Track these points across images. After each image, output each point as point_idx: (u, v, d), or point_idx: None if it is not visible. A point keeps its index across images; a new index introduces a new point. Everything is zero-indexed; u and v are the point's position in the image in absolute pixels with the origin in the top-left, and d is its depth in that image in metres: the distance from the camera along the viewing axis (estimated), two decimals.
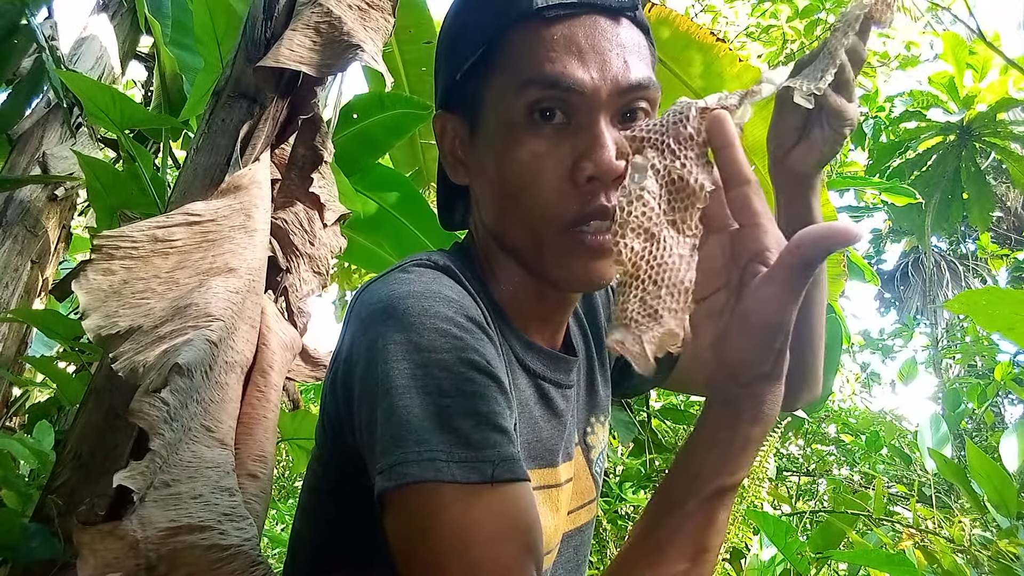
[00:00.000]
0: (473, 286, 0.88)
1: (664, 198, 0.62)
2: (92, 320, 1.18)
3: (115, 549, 0.99)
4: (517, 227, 0.86)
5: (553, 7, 0.82)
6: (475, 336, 0.78)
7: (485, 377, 0.74)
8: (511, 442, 0.73)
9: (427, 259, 0.89)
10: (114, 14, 3.38)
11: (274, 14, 1.67)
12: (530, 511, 0.71)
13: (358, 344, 0.79)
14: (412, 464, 0.68)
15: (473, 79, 0.87)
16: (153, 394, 1.04)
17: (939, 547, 2.48)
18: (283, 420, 2.12)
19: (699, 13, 7.90)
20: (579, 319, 1.10)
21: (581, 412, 1.05)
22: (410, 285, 0.80)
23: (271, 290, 1.62)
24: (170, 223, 1.33)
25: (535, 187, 0.82)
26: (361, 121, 2.42)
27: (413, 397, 0.71)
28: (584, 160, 0.80)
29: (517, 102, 0.82)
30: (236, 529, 1.08)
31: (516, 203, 0.84)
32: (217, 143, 1.60)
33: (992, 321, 1.66)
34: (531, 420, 0.91)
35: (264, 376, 1.38)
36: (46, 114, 3.06)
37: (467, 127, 0.90)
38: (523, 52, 0.82)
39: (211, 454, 1.13)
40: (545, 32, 0.82)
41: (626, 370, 1.16)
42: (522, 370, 0.92)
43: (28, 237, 2.91)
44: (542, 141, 0.81)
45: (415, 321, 0.75)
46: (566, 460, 0.98)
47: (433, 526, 0.67)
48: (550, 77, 0.80)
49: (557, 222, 0.82)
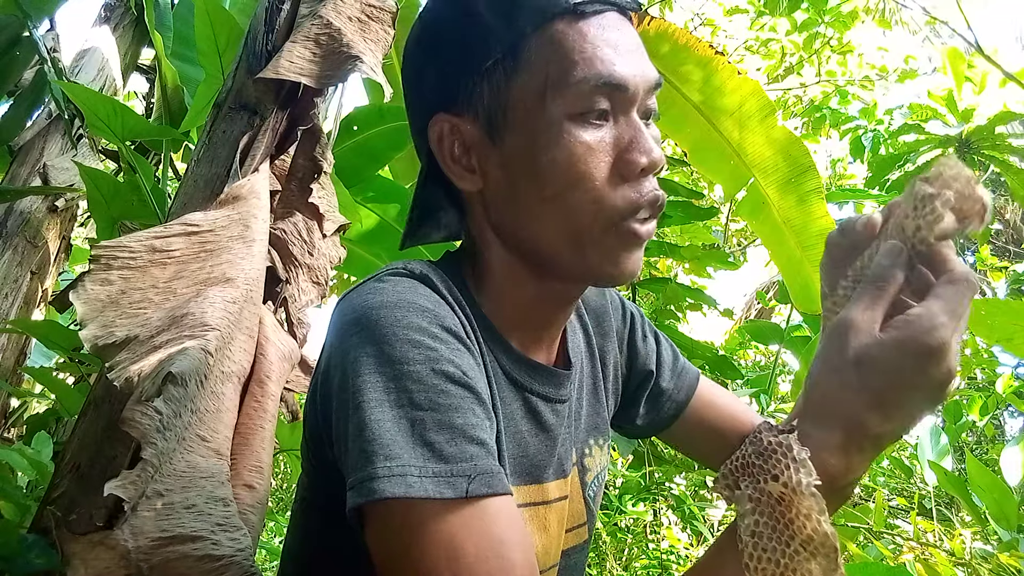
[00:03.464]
0: (456, 296, 0.86)
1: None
2: (89, 330, 1.18)
3: (106, 559, 0.98)
4: (554, 227, 0.83)
5: (586, 2, 0.81)
6: (450, 346, 0.76)
7: (460, 388, 0.73)
8: (489, 454, 0.71)
9: (403, 268, 0.87)
10: (116, 26, 3.39)
11: (275, 26, 1.68)
12: (514, 526, 0.69)
13: (334, 356, 0.78)
14: (382, 480, 0.66)
15: (494, 79, 0.83)
16: (146, 403, 1.03)
17: (940, 560, 2.47)
18: (282, 431, 2.12)
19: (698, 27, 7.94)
20: (588, 338, 1.08)
21: (580, 432, 1.03)
22: (383, 295, 0.78)
23: (270, 300, 1.62)
24: (168, 233, 1.33)
25: (585, 183, 0.80)
26: (361, 133, 2.42)
27: (385, 411, 0.70)
28: (632, 153, 0.80)
29: (562, 100, 0.80)
30: (230, 539, 1.07)
31: (559, 202, 0.81)
32: (218, 154, 1.60)
33: (991, 332, 1.66)
34: (517, 435, 0.89)
35: (262, 386, 1.38)
36: (47, 125, 3.07)
37: (483, 130, 0.85)
38: (565, 49, 0.80)
39: (205, 464, 1.12)
40: (583, 28, 0.81)
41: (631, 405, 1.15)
42: (509, 383, 0.90)
43: (28, 248, 2.92)
44: (589, 138, 0.80)
45: (387, 333, 0.74)
46: (558, 477, 0.95)
47: (413, 545, 0.66)
48: (601, 75, 0.79)
49: (612, 215, 0.81)
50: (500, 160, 0.85)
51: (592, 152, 0.80)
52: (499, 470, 0.71)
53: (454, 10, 0.88)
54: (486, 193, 0.88)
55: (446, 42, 0.88)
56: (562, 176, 0.80)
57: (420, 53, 0.91)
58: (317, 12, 1.60)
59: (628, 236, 0.82)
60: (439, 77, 0.88)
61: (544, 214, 0.83)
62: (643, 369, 1.13)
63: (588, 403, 1.05)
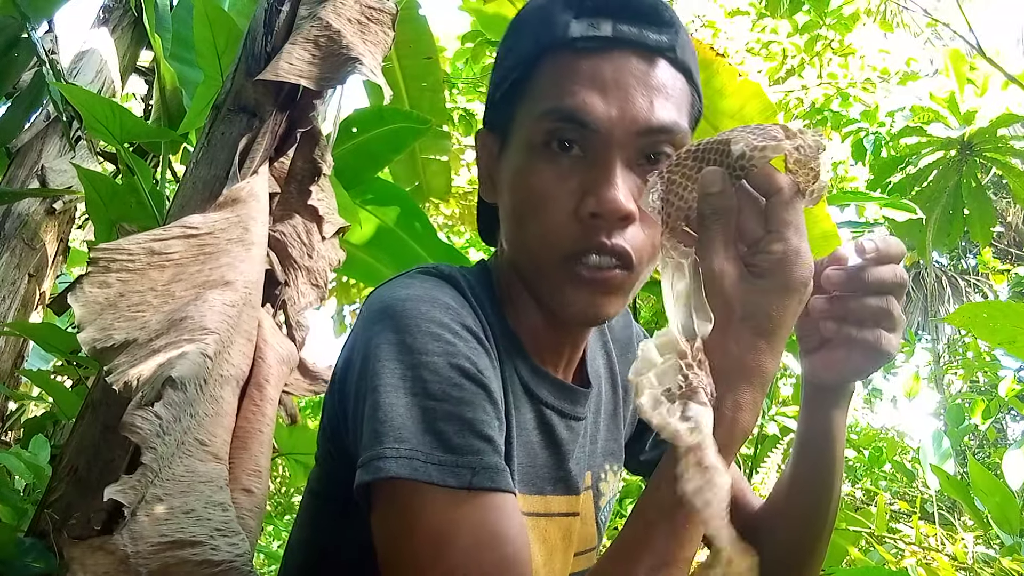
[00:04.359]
0: (481, 302, 0.89)
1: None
2: (87, 333, 1.17)
3: (105, 564, 0.98)
4: (523, 252, 0.87)
5: (586, 39, 0.82)
6: (468, 344, 0.79)
7: (474, 384, 0.75)
8: (495, 452, 0.73)
9: (434, 268, 0.91)
10: (115, 28, 3.38)
11: (275, 28, 1.67)
12: (513, 523, 0.71)
13: (358, 343, 0.81)
14: (390, 460, 0.69)
15: (508, 100, 0.89)
16: (146, 407, 1.03)
17: (942, 565, 2.46)
18: (281, 434, 2.11)
19: (699, 28, 7.94)
20: (611, 364, 1.10)
21: (597, 456, 1.04)
22: (410, 289, 0.82)
23: (269, 303, 1.61)
24: (167, 236, 1.32)
25: (540, 214, 0.82)
26: (360, 135, 2.42)
27: (399, 396, 0.72)
28: (589, 196, 0.80)
29: (537, 129, 0.83)
30: (228, 544, 1.07)
31: (522, 228, 0.86)
32: (216, 156, 1.59)
33: (993, 335, 1.64)
34: (528, 445, 0.91)
35: (260, 390, 1.37)
36: (45, 127, 3.05)
37: (498, 146, 0.92)
38: (549, 80, 0.84)
39: (204, 468, 1.12)
40: (574, 63, 0.82)
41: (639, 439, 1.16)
42: (524, 393, 0.91)
43: (26, 250, 2.90)
44: (555, 170, 0.82)
45: (410, 323, 0.77)
46: (564, 493, 0.96)
47: (413, 530, 0.68)
48: (568, 109, 0.81)
49: (556, 252, 0.82)
50: (501, 177, 0.91)
51: (549, 184, 0.82)
52: (503, 468, 0.73)
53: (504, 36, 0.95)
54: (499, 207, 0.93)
55: (495, 66, 0.95)
56: (524, 203, 0.84)
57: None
58: (317, 14, 1.59)
59: (574, 277, 0.82)
60: (489, 96, 0.96)
61: (517, 235, 0.88)
62: None
63: (606, 427, 1.06)
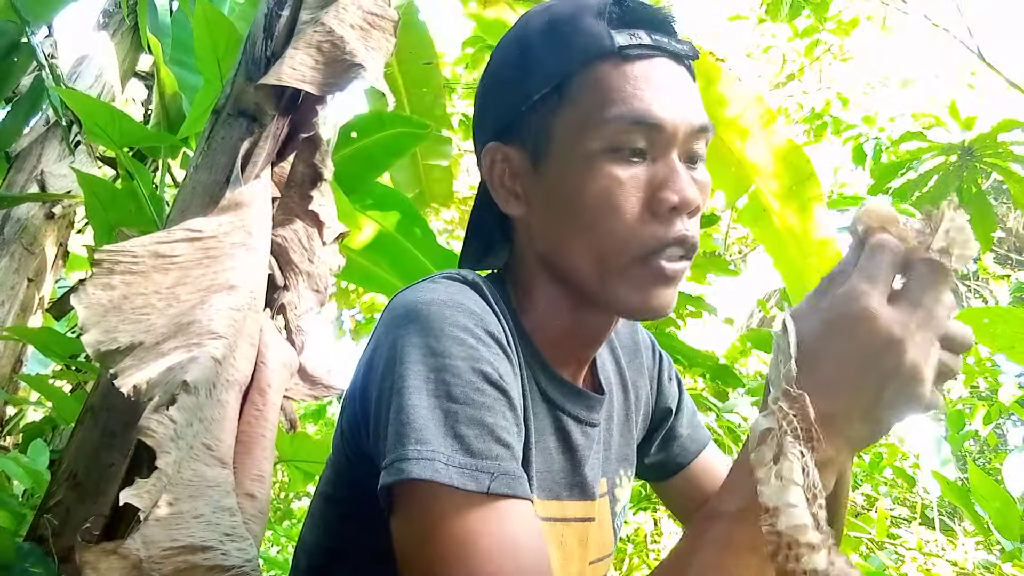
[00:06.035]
0: (501, 308, 0.89)
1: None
2: (91, 335, 1.16)
3: (118, 569, 0.98)
4: (584, 255, 0.87)
5: (634, 47, 0.85)
6: (491, 349, 0.79)
7: (496, 390, 0.76)
8: (514, 458, 0.74)
9: (457, 274, 0.91)
10: (114, 33, 3.38)
11: (275, 33, 1.67)
12: (531, 531, 0.71)
13: (381, 346, 0.81)
14: (412, 462, 0.69)
15: (541, 112, 0.89)
16: (162, 411, 1.03)
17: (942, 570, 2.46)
18: (281, 441, 2.10)
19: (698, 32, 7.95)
20: (620, 371, 1.11)
21: (612, 462, 1.05)
22: (435, 293, 0.83)
23: (269, 307, 1.61)
24: (171, 239, 1.32)
25: (615, 216, 0.84)
26: (360, 140, 2.41)
27: (422, 398, 0.73)
28: (665, 191, 0.83)
29: (598, 135, 0.84)
30: (237, 550, 1.07)
31: (590, 232, 0.86)
32: (216, 161, 1.59)
33: (993, 340, 1.65)
34: (545, 450, 0.92)
35: (262, 395, 1.36)
36: (45, 132, 3.06)
37: (529, 159, 0.91)
38: (605, 88, 0.85)
39: (212, 473, 1.11)
40: (628, 70, 0.85)
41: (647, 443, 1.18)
42: (542, 399, 0.92)
43: (25, 255, 2.90)
44: (622, 174, 0.84)
45: (434, 327, 0.78)
46: (580, 498, 0.97)
47: (433, 534, 0.69)
48: (638, 112, 0.83)
49: (636, 250, 0.84)
50: (542, 188, 0.91)
51: (623, 187, 0.84)
52: (522, 474, 0.74)
53: (514, 48, 0.95)
54: (530, 220, 0.94)
55: (505, 77, 0.95)
56: (593, 208, 0.85)
57: (484, 88, 0.99)
58: (319, 19, 1.59)
59: (655, 272, 0.85)
60: (496, 109, 0.96)
61: (576, 243, 0.87)
62: (665, 408, 1.18)
63: (620, 433, 1.08)
